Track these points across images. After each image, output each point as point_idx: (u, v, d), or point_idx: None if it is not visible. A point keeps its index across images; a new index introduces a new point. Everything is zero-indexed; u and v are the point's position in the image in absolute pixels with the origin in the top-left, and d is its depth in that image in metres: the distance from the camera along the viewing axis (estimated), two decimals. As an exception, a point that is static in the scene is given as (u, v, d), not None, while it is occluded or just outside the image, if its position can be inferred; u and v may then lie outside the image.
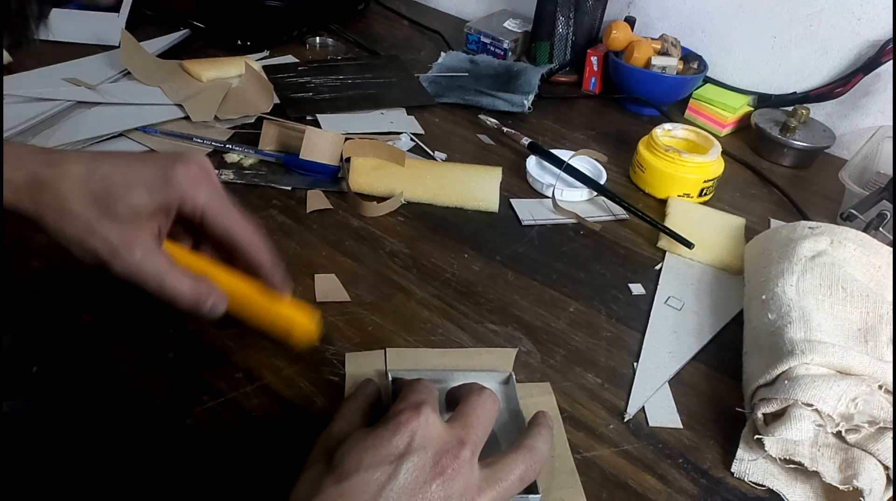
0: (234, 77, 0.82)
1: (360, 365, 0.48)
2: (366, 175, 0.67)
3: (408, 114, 0.81)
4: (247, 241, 0.42)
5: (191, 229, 0.43)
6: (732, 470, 0.45)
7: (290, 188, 0.66)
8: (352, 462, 0.32)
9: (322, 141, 0.68)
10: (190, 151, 0.43)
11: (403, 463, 0.32)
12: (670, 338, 0.54)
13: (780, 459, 0.44)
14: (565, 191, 0.69)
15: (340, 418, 0.38)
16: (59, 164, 0.38)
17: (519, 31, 1.00)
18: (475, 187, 0.68)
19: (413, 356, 0.49)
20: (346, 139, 0.69)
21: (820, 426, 0.43)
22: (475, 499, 0.33)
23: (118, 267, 0.38)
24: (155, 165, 0.39)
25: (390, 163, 0.68)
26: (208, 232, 0.42)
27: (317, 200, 0.65)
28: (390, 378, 0.45)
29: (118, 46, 0.81)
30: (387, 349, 0.50)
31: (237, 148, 0.69)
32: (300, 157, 0.67)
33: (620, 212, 0.69)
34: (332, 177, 0.68)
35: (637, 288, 0.59)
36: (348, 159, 0.68)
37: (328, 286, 0.55)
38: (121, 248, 0.38)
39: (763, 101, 0.89)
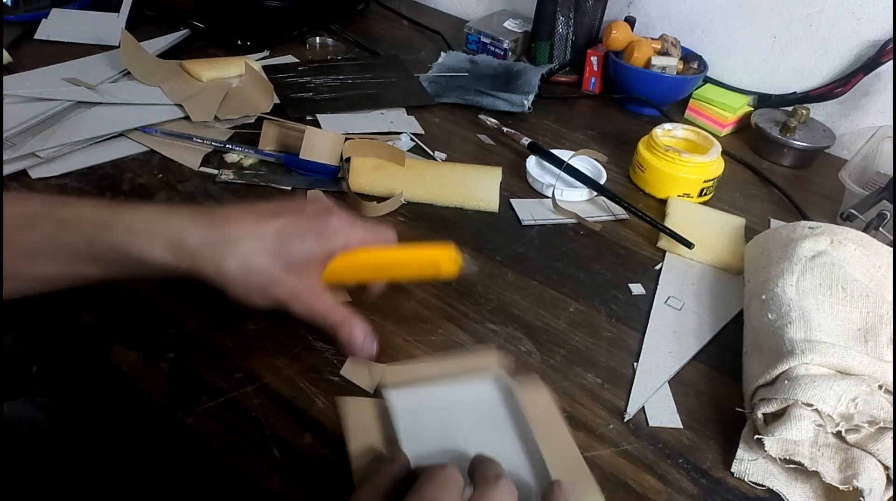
0: (234, 77, 0.82)
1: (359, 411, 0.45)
2: (366, 175, 0.67)
3: (408, 114, 0.81)
4: (381, 241, 0.49)
5: None
6: (732, 470, 0.45)
7: (290, 188, 0.66)
8: None
9: (322, 141, 0.68)
10: (323, 200, 0.50)
11: None
12: (670, 338, 0.54)
13: (780, 459, 0.44)
14: (565, 191, 0.69)
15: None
16: (231, 223, 0.42)
17: (519, 31, 1.00)
18: (475, 187, 0.68)
19: (402, 371, 0.48)
20: (347, 139, 0.69)
21: (820, 426, 0.43)
22: None
23: (296, 307, 0.44)
24: (314, 219, 0.45)
25: (390, 163, 0.68)
26: None
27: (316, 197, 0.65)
28: (411, 464, 0.40)
29: (118, 46, 0.81)
30: (372, 363, 0.48)
31: (237, 148, 0.69)
32: (300, 157, 0.67)
33: (620, 212, 0.69)
34: (332, 177, 0.68)
35: (637, 288, 0.60)
36: (348, 159, 0.68)
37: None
38: (299, 292, 0.44)
39: (763, 101, 0.89)
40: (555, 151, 0.74)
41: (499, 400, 0.46)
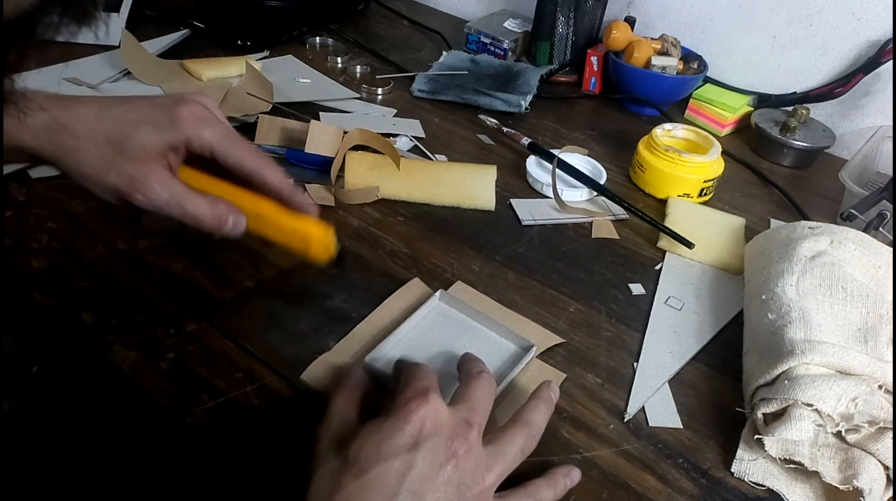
0: (235, 77, 0.82)
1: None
2: (361, 176, 0.66)
3: (411, 117, 0.81)
4: (258, 168, 0.44)
5: (209, 166, 0.45)
6: (732, 470, 0.45)
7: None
8: (369, 455, 0.33)
9: (326, 135, 0.68)
10: (193, 92, 0.44)
11: (419, 451, 0.33)
12: (670, 338, 0.54)
13: (780, 459, 0.44)
14: (565, 191, 0.69)
15: (336, 411, 0.39)
16: (72, 107, 0.40)
17: (519, 31, 1.00)
18: (471, 186, 0.68)
19: (472, 296, 0.55)
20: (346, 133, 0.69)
21: (820, 426, 0.43)
22: (485, 476, 0.35)
23: (139, 198, 0.40)
24: (161, 105, 0.41)
25: (385, 163, 0.68)
26: (222, 167, 0.44)
27: (319, 193, 0.65)
28: (390, 364, 0.46)
29: (118, 46, 0.81)
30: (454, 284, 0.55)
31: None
32: (305, 150, 0.67)
33: (620, 212, 0.69)
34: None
35: (637, 288, 0.59)
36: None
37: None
38: (139, 180, 0.40)
39: (763, 101, 0.89)
40: (555, 152, 0.74)
41: (447, 307, 0.53)
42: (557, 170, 0.70)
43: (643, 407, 0.48)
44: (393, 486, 0.32)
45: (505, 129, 0.79)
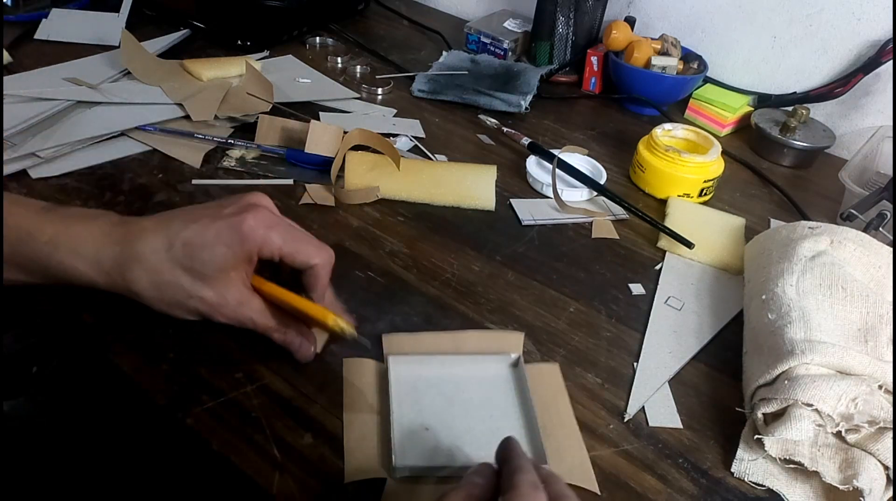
0: (235, 77, 0.82)
1: (359, 369, 0.48)
2: (360, 176, 0.66)
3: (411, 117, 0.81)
4: (317, 270, 0.45)
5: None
6: (732, 470, 0.45)
7: (291, 182, 0.66)
8: None
9: (326, 134, 0.68)
10: (251, 196, 0.45)
11: None
12: (670, 338, 0.54)
13: (780, 459, 0.44)
14: (565, 191, 0.69)
15: None
16: (141, 238, 0.42)
17: (519, 31, 1.00)
18: (471, 186, 0.68)
19: (414, 341, 0.50)
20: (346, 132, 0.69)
21: (820, 426, 0.43)
22: None
23: (220, 318, 0.43)
24: (227, 219, 0.42)
25: (385, 164, 0.68)
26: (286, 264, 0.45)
27: (319, 193, 0.65)
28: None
29: (118, 46, 0.81)
30: (383, 335, 0.50)
31: (239, 143, 0.70)
32: (305, 150, 0.67)
33: (620, 212, 0.69)
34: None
35: (637, 288, 0.59)
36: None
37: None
38: (218, 303, 0.43)
39: (763, 101, 0.89)
40: (554, 152, 0.74)
41: (506, 374, 0.48)
42: (557, 170, 0.70)
43: (643, 407, 0.48)
44: None
45: (505, 129, 0.79)
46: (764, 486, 0.44)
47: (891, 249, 0.56)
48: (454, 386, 0.47)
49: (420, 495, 0.40)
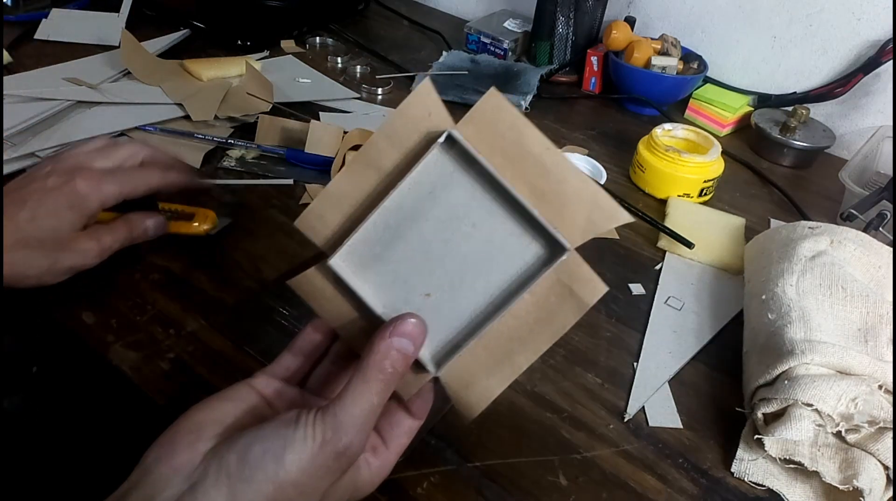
0: (235, 77, 0.82)
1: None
2: None
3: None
4: (164, 181, 0.49)
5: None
6: (732, 470, 0.45)
7: (291, 182, 0.66)
8: None
9: (326, 135, 0.68)
10: (66, 159, 0.48)
11: None
12: (670, 338, 0.54)
13: (780, 459, 0.44)
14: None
15: None
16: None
17: (519, 31, 1.00)
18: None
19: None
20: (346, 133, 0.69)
21: (820, 426, 0.43)
22: None
23: (91, 265, 0.46)
24: (60, 192, 0.44)
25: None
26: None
27: (316, 192, 0.65)
28: None
29: (118, 46, 0.81)
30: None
31: (239, 143, 0.70)
32: (305, 150, 0.67)
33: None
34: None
35: (637, 288, 0.59)
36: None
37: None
38: (84, 260, 0.46)
39: (763, 101, 0.89)
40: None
41: (455, 170, 0.34)
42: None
43: (643, 407, 0.48)
44: None
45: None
46: (764, 486, 0.44)
47: (891, 249, 0.56)
48: (409, 238, 0.34)
49: None
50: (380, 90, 0.86)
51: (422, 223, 0.34)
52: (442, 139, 0.34)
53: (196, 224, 0.56)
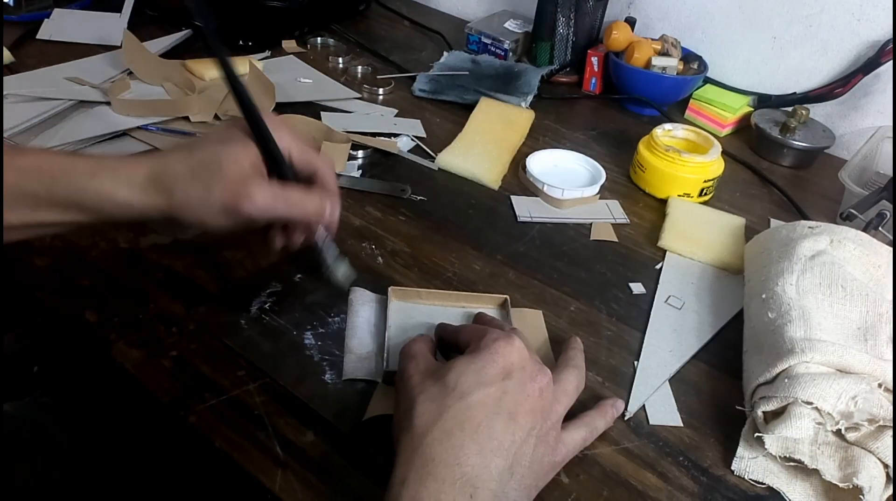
0: (236, 77, 0.82)
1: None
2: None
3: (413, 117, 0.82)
4: (322, 170, 0.47)
5: None
6: (733, 468, 0.45)
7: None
8: (469, 382, 0.39)
9: (336, 152, 0.68)
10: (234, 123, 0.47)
11: (510, 380, 0.39)
12: (671, 337, 0.55)
13: (780, 457, 0.44)
14: (566, 191, 0.69)
15: (418, 353, 0.43)
16: (164, 157, 0.42)
17: (519, 31, 1.00)
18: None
19: (415, 293, 0.54)
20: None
21: (820, 424, 0.43)
22: (555, 408, 0.42)
23: (246, 207, 0.41)
24: (240, 126, 0.44)
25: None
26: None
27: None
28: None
29: (120, 46, 0.81)
30: (390, 287, 0.53)
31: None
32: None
33: (621, 215, 0.69)
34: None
35: (637, 287, 0.60)
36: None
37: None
38: (241, 192, 0.41)
39: (763, 101, 0.89)
40: (554, 151, 0.74)
41: (493, 313, 0.54)
42: (555, 168, 0.70)
43: (644, 406, 0.48)
44: (492, 406, 0.38)
45: (506, 129, 0.79)
46: (764, 484, 0.44)
47: (890, 248, 0.56)
48: (446, 318, 0.51)
49: None
50: (381, 90, 0.86)
51: None
52: None
53: None
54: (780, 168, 0.83)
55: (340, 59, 0.92)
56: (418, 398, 0.39)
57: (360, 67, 0.90)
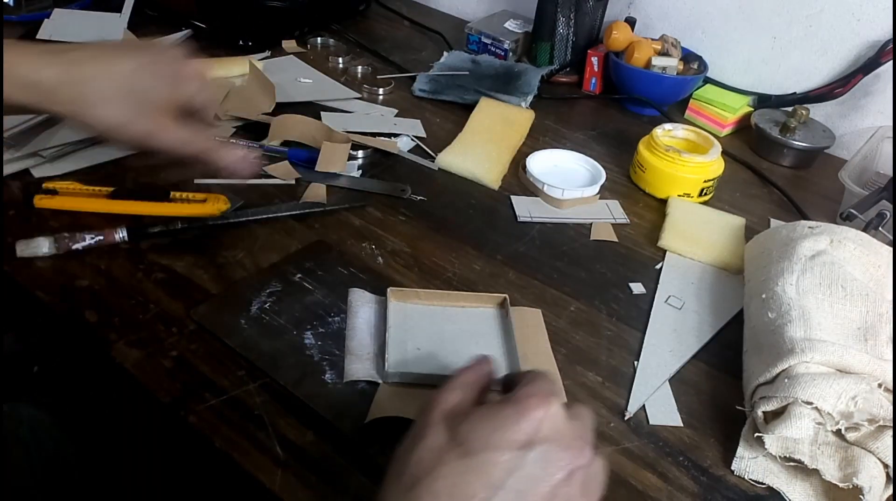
0: (237, 77, 0.82)
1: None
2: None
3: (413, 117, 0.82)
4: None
5: None
6: (733, 468, 0.45)
7: (293, 181, 0.67)
8: (479, 439, 0.31)
9: (336, 153, 0.68)
10: (178, 51, 0.50)
11: (532, 451, 0.31)
12: (671, 337, 0.55)
13: (780, 457, 0.44)
14: (566, 191, 0.69)
15: (458, 387, 0.36)
16: (83, 63, 0.44)
17: (519, 31, 1.00)
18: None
19: (414, 293, 0.54)
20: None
21: (820, 424, 0.43)
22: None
23: (156, 144, 0.46)
24: (167, 63, 0.47)
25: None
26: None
27: (320, 192, 0.66)
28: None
29: (120, 46, 0.81)
30: (389, 288, 0.53)
31: (241, 142, 0.70)
32: (316, 169, 0.67)
33: (621, 215, 0.69)
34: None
35: (637, 287, 0.60)
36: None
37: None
38: (154, 132, 0.46)
39: (763, 101, 0.89)
40: (554, 151, 0.74)
41: (493, 312, 0.54)
42: (555, 168, 0.70)
43: (644, 406, 0.48)
44: (497, 479, 0.30)
45: (506, 129, 0.79)
46: (764, 484, 0.44)
47: (890, 248, 0.56)
48: (445, 318, 0.52)
49: (408, 399, 0.46)
50: (381, 90, 0.86)
51: None
52: None
53: (210, 203, 0.59)
54: (780, 168, 0.83)
55: (340, 60, 0.92)
56: (422, 442, 0.32)
57: (360, 67, 0.90)
